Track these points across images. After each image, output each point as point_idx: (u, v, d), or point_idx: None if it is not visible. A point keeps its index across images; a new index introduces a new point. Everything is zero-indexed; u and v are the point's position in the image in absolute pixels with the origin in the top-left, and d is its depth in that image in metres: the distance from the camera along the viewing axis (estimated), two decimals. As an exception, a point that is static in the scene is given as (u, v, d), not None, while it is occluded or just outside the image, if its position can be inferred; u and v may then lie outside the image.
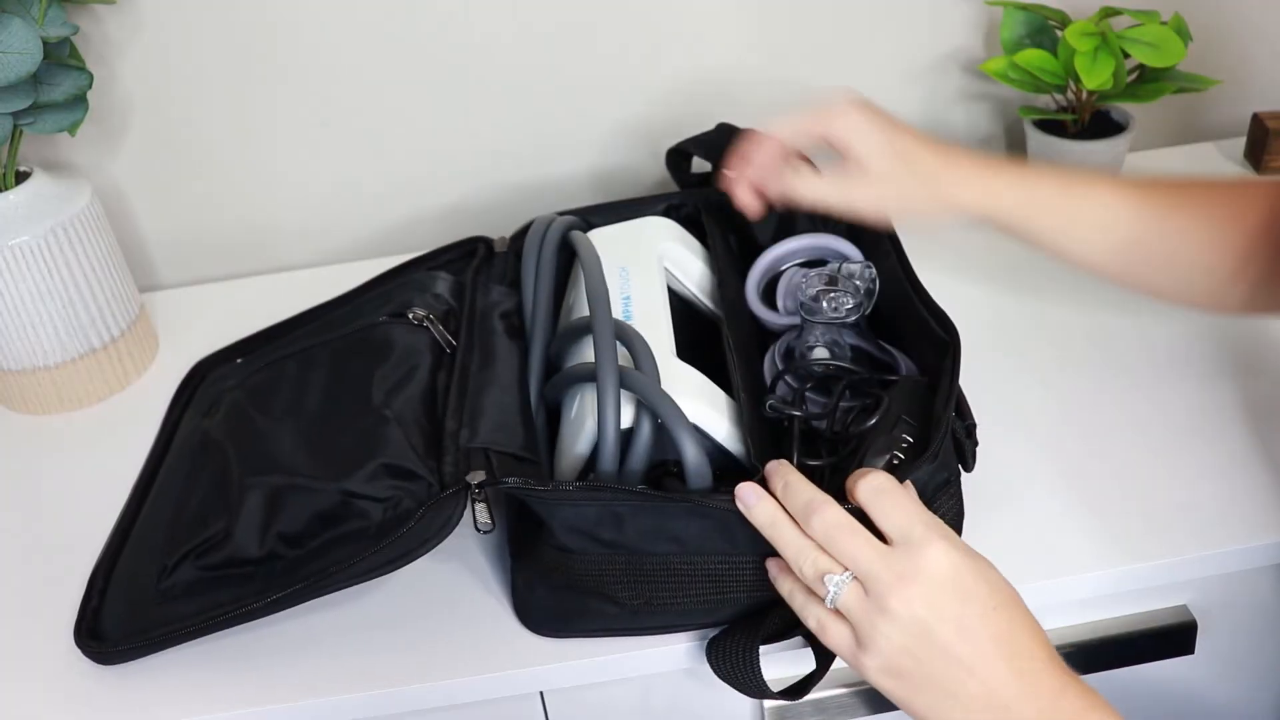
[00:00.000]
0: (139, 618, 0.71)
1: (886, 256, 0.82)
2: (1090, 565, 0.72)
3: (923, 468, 0.64)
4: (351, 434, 0.73)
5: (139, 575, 0.74)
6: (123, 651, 0.70)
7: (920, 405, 0.70)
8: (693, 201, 0.92)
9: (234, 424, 0.81)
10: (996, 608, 0.57)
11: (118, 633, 0.72)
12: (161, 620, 0.70)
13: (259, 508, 0.71)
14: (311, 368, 0.82)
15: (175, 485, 0.80)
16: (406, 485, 0.69)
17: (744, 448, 0.71)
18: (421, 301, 0.85)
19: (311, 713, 0.69)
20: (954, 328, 0.73)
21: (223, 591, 0.70)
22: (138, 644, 0.70)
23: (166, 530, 0.75)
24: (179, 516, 0.76)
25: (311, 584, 0.67)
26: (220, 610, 0.68)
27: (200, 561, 0.71)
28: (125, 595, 0.74)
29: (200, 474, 0.78)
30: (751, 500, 0.62)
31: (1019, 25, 1.04)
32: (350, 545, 0.69)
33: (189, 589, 0.71)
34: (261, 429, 0.78)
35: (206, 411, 0.87)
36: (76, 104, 0.91)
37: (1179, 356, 0.88)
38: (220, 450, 0.78)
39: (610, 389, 0.67)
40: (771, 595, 0.65)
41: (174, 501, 0.78)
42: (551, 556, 0.67)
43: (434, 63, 1.07)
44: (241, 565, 0.70)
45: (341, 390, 0.78)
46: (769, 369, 0.81)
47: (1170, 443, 0.81)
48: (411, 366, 0.78)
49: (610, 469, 0.68)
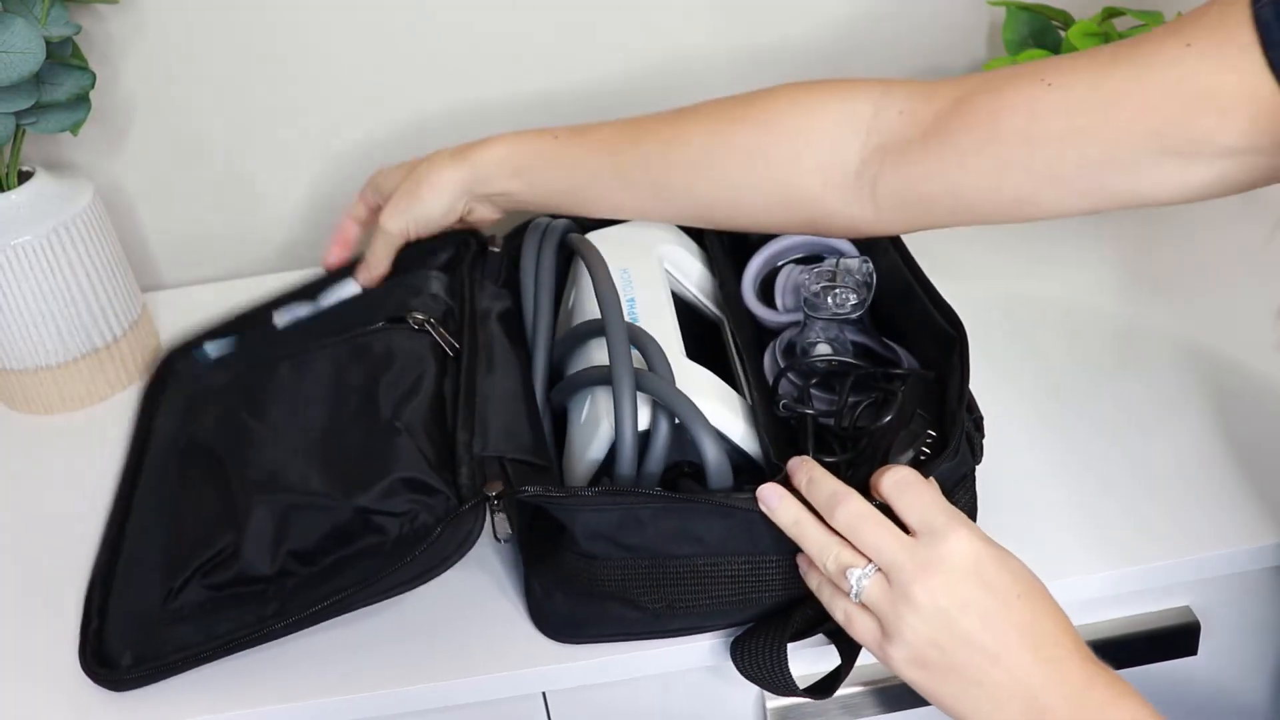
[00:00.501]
0: (149, 640, 0.70)
1: (885, 252, 0.83)
2: (1093, 566, 0.72)
3: (944, 464, 0.65)
4: (362, 447, 0.71)
5: (141, 593, 0.73)
6: (137, 679, 0.69)
7: (930, 400, 0.71)
8: None
9: (227, 430, 0.78)
10: (1020, 595, 0.58)
11: (127, 656, 0.70)
12: (175, 644, 0.69)
13: (268, 524, 0.69)
14: (308, 374, 0.80)
15: (166, 494, 0.79)
16: (423, 499, 0.68)
17: (760, 447, 0.71)
18: (420, 304, 0.82)
19: (311, 713, 0.69)
20: (960, 322, 0.73)
21: (234, 610, 0.69)
22: (152, 669, 0.69)
23: (166, 546, 0.74)
24: (179, 531, 0.74)
25: (333, 604, 0.66)
26: (240, 633, 0.67)
27: (208, 580, 0.70)
28: (130, 615, 0.72)
29: (194, 483, 0.76)
30: (774, 501, 0.63)
31: (1022, 26, 1.04)
32: (365, 561, 0.67)
33: (199, 609, 0.70)
34: (260, 437, 0.76)
35: (187, 410, 0.85)
36: (79, 104, 0.91)
37: (1181, 357, 0.88)
38: (213, 458, 0.76)
39: (627, 391, 0.67)
40: (794, 594, 0.66)
41: (169, 513, 0.76)
42: (573, 563, 0.67)
43: (436, 63, 1.07)
44: (251, 583, 0.69)
45: (346, 401, 0.76)
46: (769, 367, 0.81)
47: (1172, 443, 0.81)
48: (418, 375, 0.76)
49: (629, 472, 0.68)
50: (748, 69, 1.10)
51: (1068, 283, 0.96)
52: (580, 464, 0.72)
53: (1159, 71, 0.61)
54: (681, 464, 0.71)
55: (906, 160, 0.70)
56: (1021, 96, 0.66)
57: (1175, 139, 0.61)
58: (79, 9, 0.98)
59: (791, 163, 0.74)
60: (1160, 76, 0.61)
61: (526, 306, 0.82)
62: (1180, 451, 0.80)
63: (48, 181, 0.91)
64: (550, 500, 0.65)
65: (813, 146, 0.74)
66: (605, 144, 0.80)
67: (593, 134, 0.81)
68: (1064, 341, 0.91)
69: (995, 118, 0.67)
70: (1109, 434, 0.82)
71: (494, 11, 1.05)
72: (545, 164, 0.82)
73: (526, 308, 0.82)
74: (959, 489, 0.68)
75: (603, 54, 1.08)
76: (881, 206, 0.73)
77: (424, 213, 0.85)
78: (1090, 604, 0.76)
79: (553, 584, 0.69)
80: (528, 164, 0.82)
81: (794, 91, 0.76)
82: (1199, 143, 0.61)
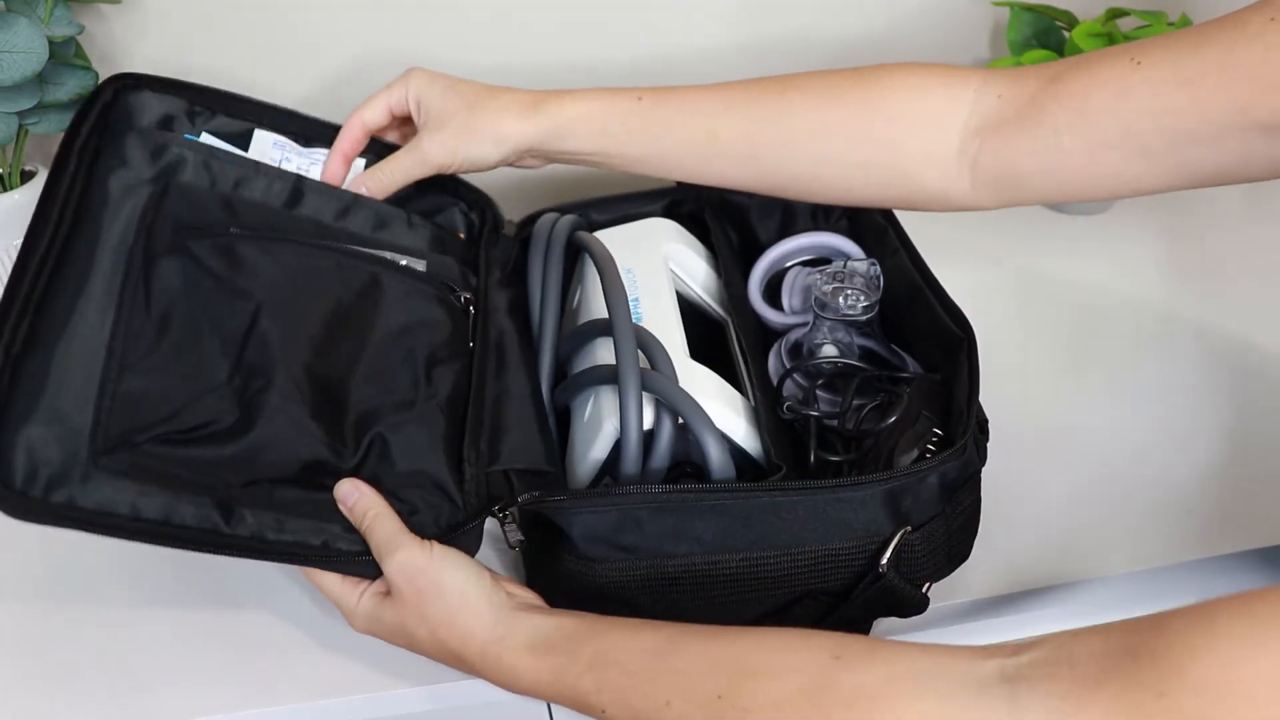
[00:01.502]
0: (67, 477, 0.62)
1: (895, 253, 0.82)
2: (1094, 568, 0.72)
3: (951, 461, 0.65)
4: (389, 407, 0.69)
5: (65, 405, 0.63)
6: (44, 513, 0.61)
7: (936, 402, 0.71)
8: (693, 198, 0.91)
9: (226, 292, 0.69)
10: None
11: (38, 480, 0.61)
12: (99, 501, 0.62)
13: (281, 434, 0.65)
14: (325, 278, 0.73)
15: (128, 306, 0.67)
16: (428, 497, 0.68)
17: (762, 448, 0.71)
18: (463, 278, 0.79)
19: (312, 713, 0.69)
20: (968, 322, 0.73)
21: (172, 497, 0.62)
22: (63, 514, 0.61)
23: (113, 369, 0.65)
24: (150, 365, 0.65)
25: (285, 553, 0.64)
26: (169, 529, 0.62)
27: (163, 449, 0.63)
28: (47, 429, 0.62)
29: (172, 326, 0.67)
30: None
31: (1026, 26, 1.04)
32: (340, 523, 0.65)
33: (138, 473, 0.63)
34: (265, 324, 0.68)
35: (164, 213, 0.71)
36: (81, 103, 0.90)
37: (1187, 357, 0.88)
38: (207, 314, 0.68)
39: (633, 391, 0.67)
40: (791, 593, 0.66)
41: (130, 333, 0.66)
42: (573, 566, 0.66)
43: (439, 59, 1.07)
44: (208, 475, 0.63)
45: (386, 340, 0.72)
46: (774, 367, 0.81)
47: (1174, 444, 0.80)
48: (454, 354, 0.74)
49: (634, 471, 0.68)
50: (742, 61, 1.10)
51: (1078, 279, 0.96)
52: (583, 463, 0.72)
53: (1244, 46, 0.61)
54: (683, 464, 0.71)
55: (1004, 139, 0.71)
56: (1111, 74, 0.66)
57: (1262, 114, 0.62)
58: (82, 9, 0.98)
59: (897, 143, 0.74)
60: (1245, 52, 0.61)
61: (534, 304, 0.82)
62: (1182, 453, 0.80)
63: (50, 181, 0.91)
64: (550, 506, 0.65)
65: (919, 128, 0.74)
66: (699, 110, 0.78)
67: (681, 97, 0.79)
68: (1062, 343, 0.91)
69: (1087, 95, 0.67)
70: (1110, 435, 0.82)
71: (499, 9, 1.05)
72: (633, 126, 0.78)
73: (533, 305, 0.82)
74: (964, 490, 0.68)
75: (608, 46, 1.08)
76: (978, 184, 0.73)
77: (477, 156, 0.79)
78: (1091, 606, 0.76)
79: (553, 587, 0.69)
80: (615, 125, 0.78)
81: (900, 73, 0.76)
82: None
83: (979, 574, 0.72)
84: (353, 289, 0.73)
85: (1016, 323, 0.93)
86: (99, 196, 0.70)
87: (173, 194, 0.72)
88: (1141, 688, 0.45)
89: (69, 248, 0.67)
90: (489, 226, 0.86)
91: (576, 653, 0.59)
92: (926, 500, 0.66)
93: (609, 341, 0.71)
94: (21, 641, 0.74)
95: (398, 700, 0.69)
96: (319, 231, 0.77)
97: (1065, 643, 0.49)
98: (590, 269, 0.80)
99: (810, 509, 0.64)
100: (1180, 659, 0.45)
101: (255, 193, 0.76)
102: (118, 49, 1.03)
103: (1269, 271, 0.98)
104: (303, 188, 0.77)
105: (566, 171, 1.14)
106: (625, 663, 0.57)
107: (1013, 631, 0.74)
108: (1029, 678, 0.48)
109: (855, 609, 0.66)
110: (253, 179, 0.76)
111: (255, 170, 0.76)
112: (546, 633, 0.60)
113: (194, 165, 0.74)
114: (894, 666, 0.52)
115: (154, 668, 0.70)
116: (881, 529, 0.65)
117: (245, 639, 0.72)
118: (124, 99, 0.75)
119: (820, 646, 0.55)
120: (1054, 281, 0.97)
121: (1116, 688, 0.46)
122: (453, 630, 0.62)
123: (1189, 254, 1.01)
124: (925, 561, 0.66)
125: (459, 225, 0.86)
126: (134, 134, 0.73)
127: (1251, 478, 0.77)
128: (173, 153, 0.73)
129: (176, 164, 0.73)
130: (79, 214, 0.69)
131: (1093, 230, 1.04)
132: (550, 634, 0.60)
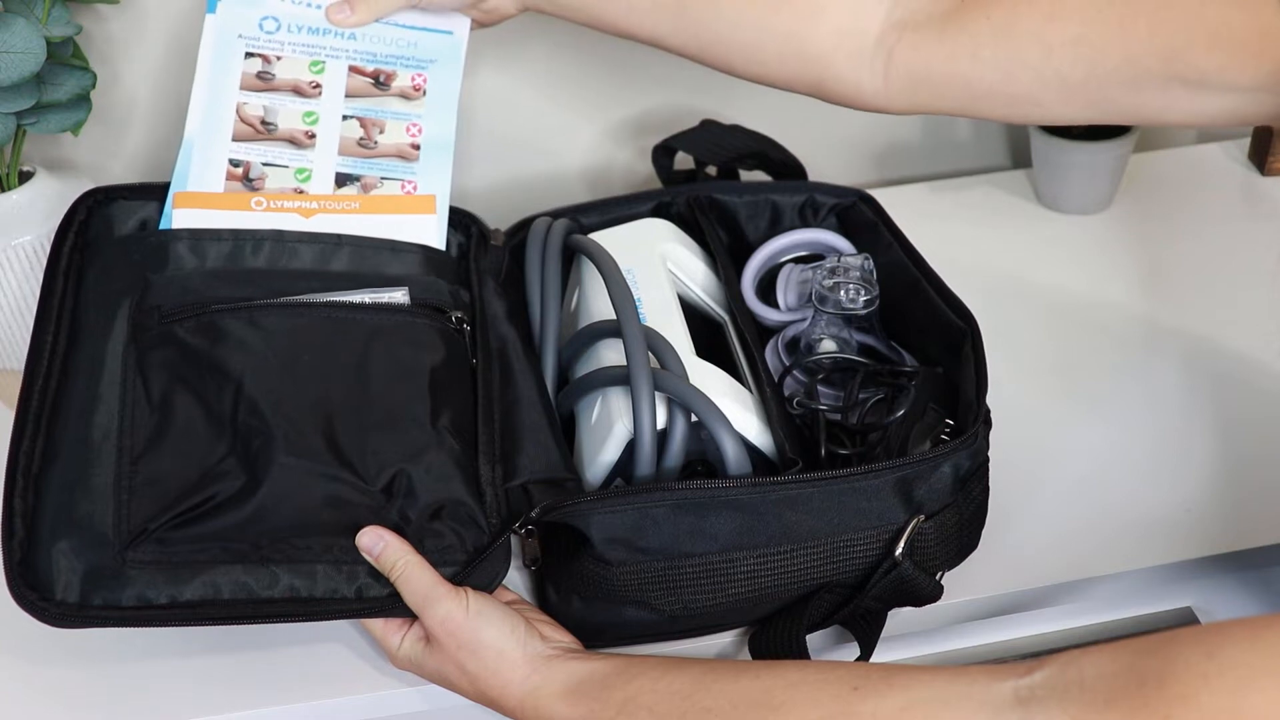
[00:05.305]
0: (100, 575, 0.63)
1: (888, 248, 0.83)
2: (1094, 566, 0.72)
3: (964, 449, 0.66)
4: (402, 444, 0.69)
5: (90, 515, 0.65)
6: (84, 618, 0.62)
7: (940, 395, 0.71)
8: (683, 199, 0.92)
9: (220, 353, 0.70)
10: None
11: (72, 587, 0.63)
12: (134, 594, 0.63)
13: (293, 484, 0.65)
14: (316, 329, 0.73)
15: (129, 391, 0.69)
16: (456, 525, 0.68)
17: (775, 443, 0.71)
18: (454, 297, 0.79)
19: (322, 712, 0.69)
20: (970, 313, 0.74)
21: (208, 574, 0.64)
22: (103, 614, 0.63)
23: (125, 457, 0.67)
24: (159, 451, 0.67)
25: (323, 609, 0.65)
26: (214, 609, 0.64)
27: (184, 531, 0.64)
28: (74, 538, 0.64)
29: (173, 401, 0.69)
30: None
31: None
32: (370, 573, 0.66)
33: (168, 560, 0.64)
34: (283, 387, 0.69)
35: (148, 286, 0.73)
36: (80, 104, 0.90)
37: (1185, 357, 0.88)
38: (204, 380, 0.69)
39: (646, 391, 0.67)
40: (806, 588, 0.67)
41: (133, 415, 0.68)
42: (590, 568, 0.67)
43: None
44: (236, 542, 0.65)
45: (385, 380, 0.72)
46: (772, 364, 0.81)
47: (1174, 443, 0.81)
48: (456, 377, 0.74)
49: (648, 471, 0.68)
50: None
51: (1079, 276, 0.96)
52: (592, 467, 0.72)
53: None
54: (695, 462, 0.71)
55: (924, 38, 0.71)
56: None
57: (1184, 67, 0.62)
58: (80, 9, 0.98)
59: (811, 17, 0.74)
60: (1182, 4, 0.62)
61: (533, 309, 0.82)
62: (1182, 452, 0.80)
63: (48, 181, 0.91)
64: (568, 510, 0.66)
65: (835, 5, 0.74)
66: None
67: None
68: (1063, 343, 0.91)
69: (1015, 11, 0.67)
70: (1110, 434, 0.82)
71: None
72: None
73: (533, 310, 0.82)
74: (973, 479, 0.69)
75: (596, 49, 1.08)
76: (891, 81, 0.73)
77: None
78: (1091, 604, 0.76)
79: (569, 589, 0.69)
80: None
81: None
82: (1207, 75, 0.62)
83: (979, 574, 0.72)
84: (342, 338, 0.74)
85: (1013, 322, 0.93)
86: (89, 310, 0.73)
87: (156, 287, 0.74)
88: (1149, 711, 0.45)
89: (68, 364, 0.71)
90: (475, 240, 0.86)
91: (608, 699, 0.60)
92: (939, 489, 0.66)
93: (612, 343, 0.71)
94: (22, 641, 0.74)
95: (394, 700, 0.69)
96: (305, 281, 0.77)
97: (1075, 660, 0.49)
98: (588, 271, 0.80)
99: (826, 499, 0.65)
100: (1188, 685, 0.45)
101: (238, 260, 0.77)
102: (116, 49, 1.03)
103: (1267, 271, 0.98)
104: (283, 240, 0.78)
105: (550, 176, 1.14)
106: (654, 706, 0.58)
107: (1017, 630, 0.74)
108: (1042, 699, 0.49)
109: (871, 600, 0.67)
110: (233, 248, 0.77)
111: (235, 238, 0.78)
112: (580, 679, 0.62)
113: (175, 252, 0.76)
114: (911, 693, 0.53)
115: (154, 668, 0.71)
116: (895, 518, 0.66)
117: (244, 639, 0.71)
118: (99, 215, 0.78)
119: (839, 678, 0.55)
120: (1050, 281, 0.97)
121: (1124, 710, 0.46)
122: (491, 683, 0.63)
123: (1185, 253, 1.01)
124: (938, 550, 0.67)
125: (450, 246, 0.85)
126: (113, 245, 0.77)
127: (1252, 477, 0.77)
128: (152, 249, 0.76)
129: (158, 258, 0.76)
130: (73, 331, 0.72)
131: (1087, 229, 1.04)
132: (583, 680, 0.62)
